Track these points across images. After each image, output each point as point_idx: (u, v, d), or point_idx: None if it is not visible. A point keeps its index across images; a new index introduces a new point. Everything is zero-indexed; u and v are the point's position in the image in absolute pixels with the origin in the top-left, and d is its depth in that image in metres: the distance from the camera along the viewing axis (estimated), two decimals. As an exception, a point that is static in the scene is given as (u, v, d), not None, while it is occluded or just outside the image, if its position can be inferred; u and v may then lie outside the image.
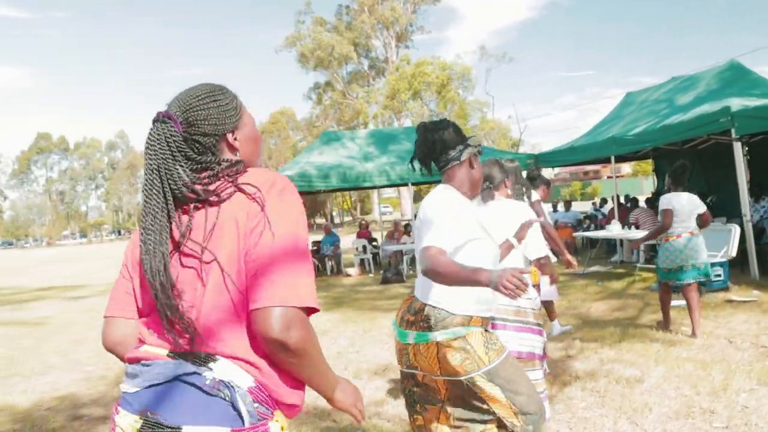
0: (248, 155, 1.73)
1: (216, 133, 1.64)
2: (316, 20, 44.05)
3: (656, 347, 5.57)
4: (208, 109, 1.63)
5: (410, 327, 2.59)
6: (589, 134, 13.39)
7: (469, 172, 2.72)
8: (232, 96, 1.72)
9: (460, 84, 38.58)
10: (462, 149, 2.69)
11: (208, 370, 1.43)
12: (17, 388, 6.21)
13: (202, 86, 1.68)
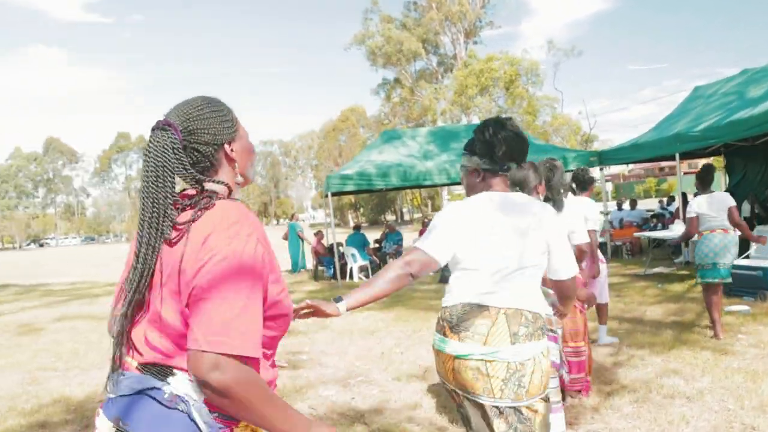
0: (243, 168, 1.76)
1: (215, 142, 1.66)
2: (383, 17, 44.12)
3: (706, 356, 5.33)
4: (208, 118, 1.66)
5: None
6: (654, 130, 12.90)
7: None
8: (228, 108, 1.76)
9: (528, 80, 37.92)
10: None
11: (167, 384, 1.48)
12: (75, 380, 6.45)
13: (200, 98, 1.72)
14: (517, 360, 2.23)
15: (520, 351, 2.24)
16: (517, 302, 2.31)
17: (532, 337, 2.28)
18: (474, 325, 2.28)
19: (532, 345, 2.28)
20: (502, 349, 2.23)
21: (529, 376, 2.26)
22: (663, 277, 10.20)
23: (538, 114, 37.19)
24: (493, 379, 2.24)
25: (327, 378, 5.75)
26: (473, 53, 41.31)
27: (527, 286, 2.36)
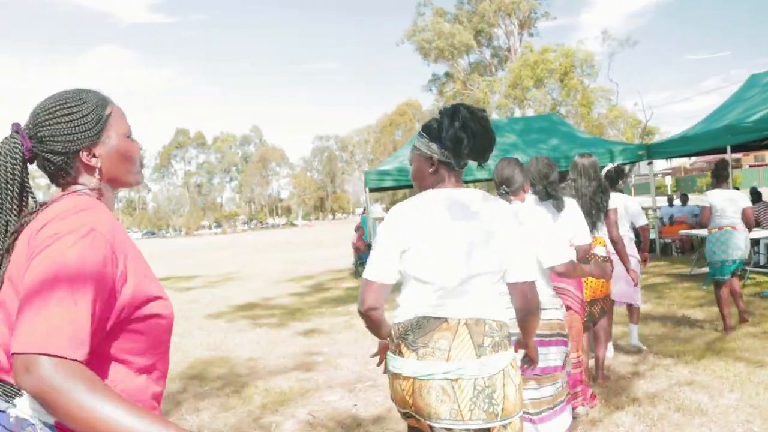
0: (115, 173, 1.56)
1: (66, 151, 1.47)
2: (436, 11, 43.64)
3: (740, 368, 4.87)
4: (57, 124, 1.46)
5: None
6: (705, 121, 12.20)
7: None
8: (95, 106, 1.52)
9: (583, 71, 36.89)
10: None
11: (12, 406, 1.31)
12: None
13: (58, 95, 1.51)
14: (485, 374, 2.00)
15: (488, 364, 2.01)
16: (477, 311, 2.07)
17: (499, 347, 2.05)
18: (433, 340, 2.03)
19: (501, 356, 2.05)
20: (467, 365, 1.99)
21: (501, 390, 2.01)
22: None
23: (593, 106, 36.10)
24: (461, 400, 1.98)
25: (336, 382, 5.54)
26: (530, 45, 40.45)
27: (487, 294, 2.11)
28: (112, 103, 1.59)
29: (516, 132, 15.17)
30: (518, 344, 2.37)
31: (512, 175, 3.37)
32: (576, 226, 3.97)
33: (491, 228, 2.09)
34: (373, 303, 2.12)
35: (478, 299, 2.08)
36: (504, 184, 3.35)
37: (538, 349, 3.10)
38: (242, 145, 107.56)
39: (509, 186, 3.35)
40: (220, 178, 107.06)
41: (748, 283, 8.58)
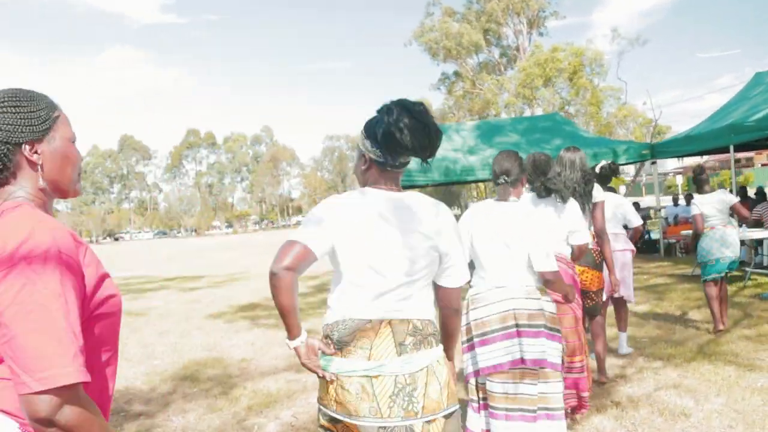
0: (55, 175, 1.54)
1: (8, 141, 1.45)
2: (445, 10, 43.44)
3: (728, 372, 4.80)
4: (4, 114, 1.46)
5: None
6: (709, 120, 12.07)
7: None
8: (45, 105, 1.54)
9: (592, 70, 36.58)
10: None
11: None
12: (84, 379, 6.43)
13: (10, 90, 1.52)
14: (406, 372, 1.97)
15: (410, 361, 1.98)
16: (403, 312, 2.03)
17: (422, 344, 2.01)
18: (357, 338, 2.02)
19: (424, 353, 2.01)
20: (387, 362, 1.96)
21: (423, 388, 1.98)
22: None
23: (602, 105, 35.78)
24: (380, 397, 1.95)
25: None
26: (539, 44, 40.19)
27: (415, 295, 2.07)
28: (60, 108, 1.60)
29: (519, 132, 15.11)
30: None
31: (511, 167, 3.33)
32: (573, 225, 3.95)
33: (428, 233, 2.05)
34: (291, 263, 1.99)
35: (405, 301, 2.04)
36: (504, 174, 3.31)
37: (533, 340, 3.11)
38: (253, 145, 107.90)
39: (509, 176, 3.31)
40: (231, 178, 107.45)
41: (749, 284, 8.48)
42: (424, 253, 2.05)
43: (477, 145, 14.72)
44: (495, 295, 3.17)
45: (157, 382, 6.10)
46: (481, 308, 3.20)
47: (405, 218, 2.05)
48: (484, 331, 3.16)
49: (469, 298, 3.28)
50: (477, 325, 3.20)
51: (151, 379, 6.21)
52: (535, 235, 3.14)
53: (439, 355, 2.09)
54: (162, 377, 6.25)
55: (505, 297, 3.15)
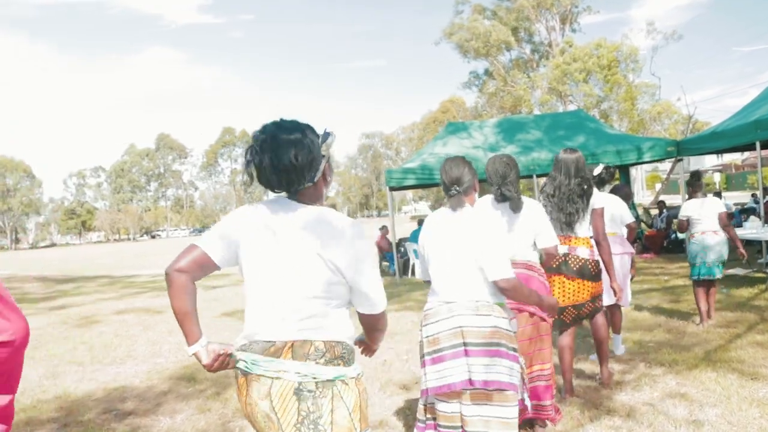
0: None
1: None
2: (475, 8, 43.11)
3: (730, 380, 4.56)
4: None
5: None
6: (736, 116, 11.64)
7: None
8: None
9: (627, 66, 35.88)
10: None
11: None
12: (88, 376, 6.48)
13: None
14: (309, 377, 1.94)
15: (316, 373, 1.94)
16: (304, 333, 1.95)
17: (327, 365, 1.95)
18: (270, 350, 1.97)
19: (329, 371, 1.95)
20: (290, 371, 1.93)
21: (329, 416, 1.90)
22: (735, 280, 9.18)
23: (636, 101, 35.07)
24: (285, 426, 1.89)
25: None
26: (570, 40, 39.58)
27: (317, 315, 1.98)
28: None
29: (542, 129, 14.83)
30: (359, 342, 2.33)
31: (462, 175, 3.12)
32: (537, 228, 3.77)
33: (327, 244, 1.95)
34: (186, 266, 1.99)
35: (306, 321, 1.96)
36: (455, 184, 3.11)
37: (482, 359, 2.92)
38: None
39: (460, 185, 3.11)
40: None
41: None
42: (320, 269, 1.95)
43: (498, 142, 14.50)
44: (445, 311, 2.98)
45: (155, 381, 6.09)
46: (432, 324, 3.01)
47: (297, 230, 1.98)
48: (435, 349, 2.96)
49: (424, 312, 3.10)
50: (429, 341, 3.00)
51: (150, 378, 6.21)
52: (488, 243, 2.92)
53: (349, 377, 1.99)
54: (161, 376, 6.24)
55: (454, 313, 2.95)
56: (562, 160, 4.43)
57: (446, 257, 3.01)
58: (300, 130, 1.98)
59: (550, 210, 4.35)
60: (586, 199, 4.37)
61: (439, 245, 3.05)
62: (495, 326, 2.93)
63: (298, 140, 1.95)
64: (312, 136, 2.00)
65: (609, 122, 34.73)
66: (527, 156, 13.24)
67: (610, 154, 12.95)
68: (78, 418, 5.06)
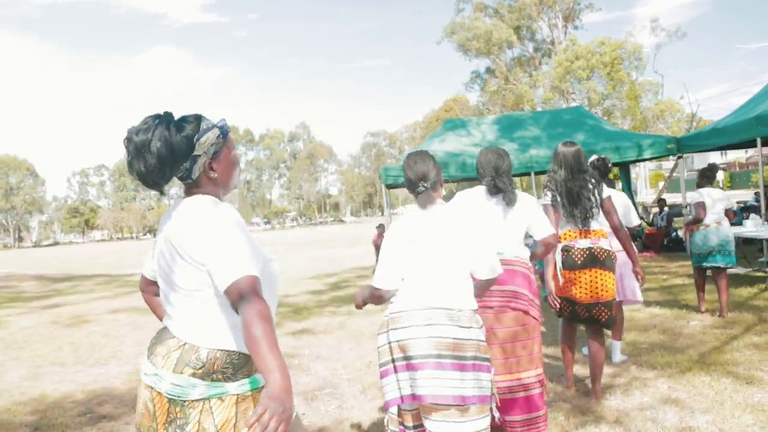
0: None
1: None
2: (476, 6, 42.84)
3: (724, 384, 4.37)
4: None
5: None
6: (737, 112, 11.42)
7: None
8: None
9: (630, 63, 35.57)
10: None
11: None
12: (69, 378, 6.35)
13: None
14: (180, 397, 1.83)
15: (185, 388, 1.84)
16: (191, 337, 1.88)
17: (204, 378, 1.83)
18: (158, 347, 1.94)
19: (199, 389, 1.83)
20: (164, 380, 1.85)
21: (195, 427, 1.81)
22: (735, 279, 8.97)
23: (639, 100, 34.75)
24: (159, 419, 1.85)
25: (297, 388, 5.25)
26: (574, 38, 39.26)
27: (178, 313, 1.92)
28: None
29: (541, 125, 14.63)
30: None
31: (427, 170, 2.91)
32: (531, 220, 3.65)
33: (178, 243, 1.87)
34: (141, 286, 2.26)
35: (172, 320, 1.93)
36: (422, 180, 2.90)
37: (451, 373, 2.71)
38: (290, 142, 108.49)
39: (427, 181, 2.90)
40: (269, 175, 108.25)
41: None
42: (177, 265, 1.88)
43: (496, 139, 14.31)
44: (421, 317, 2.72)
45: (136, 383, 5.91)
46: (403, 329, 2.72)
47: (167, 227, 1.95)
48: (407, 355, 2.70)
49: (390, 315, 2.81)
50: (400, 346, 2.72)
51: (131, 380, 6.06)
52: (479, 241, 2.75)
53: (229, 393, 1.85)
54: (136, 378, 6.07)
55: (433, 322, 2.69)
56: (562, 153, 4.30)
57: (424, 259, 2.77)
58: (159, 129, 1.87)
59: (564, 205, 4.25)
60: (599, 192, 4.26)
61: (417, 247, 2.80)
62: (471, 338, 2.70)
63: (145, 142, 1.86)
64: (173, 135, 1.88)
65: (612, 120, 34.48)
66: (525, 153, 13.06)
67: (609, 151, 12.74)
68: (52, 421, 4.93)
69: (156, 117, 1.91)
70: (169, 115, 1.93)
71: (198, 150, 1.91)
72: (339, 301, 10.47)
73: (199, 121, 1.93)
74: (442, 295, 2.73)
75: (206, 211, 1.86)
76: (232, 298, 1.72)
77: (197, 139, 1.90)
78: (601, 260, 4.17)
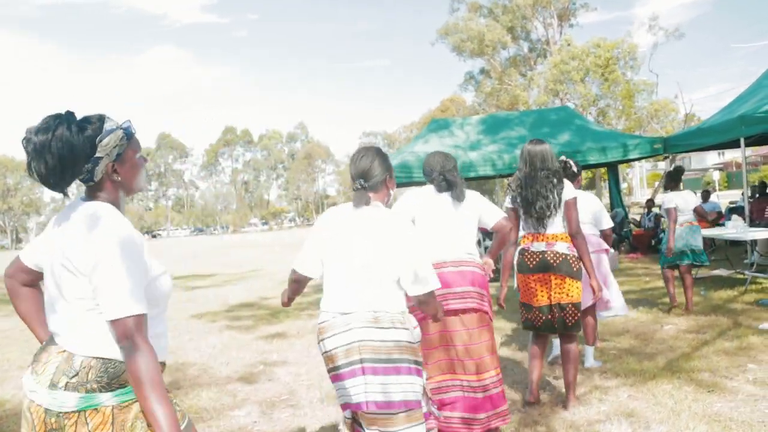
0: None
1: None
2: (470, 6, 42.69)
3: (686, 393, 4.23)
4: None
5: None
6: (722, 111, 11.27)
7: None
8: None
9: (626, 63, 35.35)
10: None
11: None
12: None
13: None
14: (55, 408, 1.75)
15: (57, 398, 1.75)
16: (69, 345, 1.81)
17: (76, 388, 1.75)
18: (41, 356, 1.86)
19: (74, 398, 1.74)
20: (39, 391, 1.77)
21: None
22: (716, 281, 8.85)
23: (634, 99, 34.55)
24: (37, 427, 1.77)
25: (257, 396, 5.13)
26: (569, 38, 39.06)
27: (66, 324, 1.83)
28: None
29: (526, 125, 14.47)
30: None
31: (369, 167, 2.77)
32: (481, 209, 3.66)
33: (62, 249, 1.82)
34: (9, 270, 2.06)
35: (61, 329, 1.84)
36: (361, 177, 2.77)
37: (380, 378, 2.59)
38: (288, 142, 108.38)
39: (366, 180, 2.76)
40: (267, 176, 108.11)
41: (750, 288, 7.82)
42: (64, 272, 1.81)
43: (480, 140, 14.14)
44: (340, 324, 2.62)
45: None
46: (329, 339, 2.64)
47: (59, 231, 1.88)
48: (333, 366, 2.62)
49: (319, 325, 2.73)
50: (328, 357, 2.65)
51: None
52: (412, 251, 2.59)
53: (104, 404, 1.76)
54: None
55: (351, 326, 2.58)
56: (528, 151, 4.19)
57: (345, 262, 2.65)
58: (59, 128, 1.78)
59: (521, 205, 4.16)
60: (558, 193, 4.08)
61: (340, 247, 2.69)
62: (396, 340, 2.57)
63: (44, 143, 1.77)
64: (73, 135, 1.79)
65: (607, 120, 34.34)
66: (510, 153, 12.90)
67: (594, 151, 12.63)
68: (5, 429, 4.79)
69: (56, 117, 1.81)
70: (70, 115, 1.84)
71: (100, 152, 1.84)
72: (318, 304, 10.29)
73: (102, 121, 1.86)
74: (364, 297, 2.61)
75: (101, 226, 1.78)
76: (116, 334, 1.72)
77: (99, 140, 1.83)
78: (554, 265, 4.02)
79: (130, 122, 1.95)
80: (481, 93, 45.43)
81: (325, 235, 2.76)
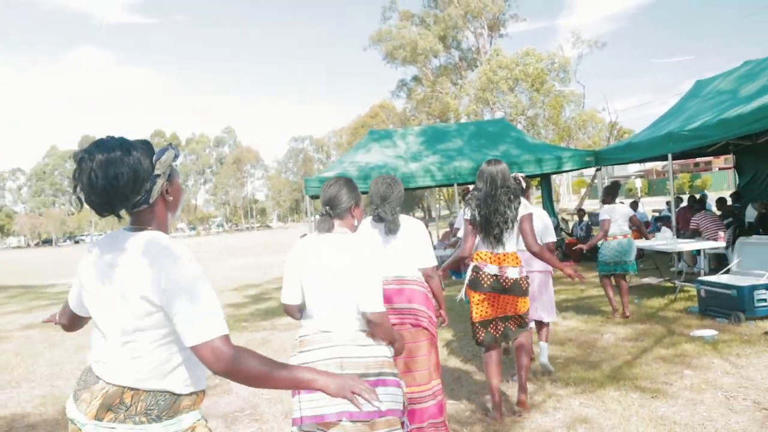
0: None
1: None
2: (403, 14, 43.25)
3: (632, 399, 4.56)
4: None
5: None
6: (651, 127, 11.98)
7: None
8: None
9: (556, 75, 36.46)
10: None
11: None
12: None
13: None
14: None
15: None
16: (121, 378, 1.81)
17: (126, 421, 1.78)
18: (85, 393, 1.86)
19: (126, 428, 1.77)
20: (87, 423, 1.80)
21: None
22: (647, 289, 9.38)
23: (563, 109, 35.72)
24: None
25: (218, 410, 5.17)
26: (498, 48, 40.03)
27: (130, 360, 1.81)
28: None
29: (465, 137, 14.90)
30: None
31: (336, 195, 2.96)
32: (415, 250, 3.74)
33: (136, 281, 1.78)
34: (62, 320, 2.22)
35: (120, 365, 1.82)
36: (328, 205, 2.96)
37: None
38: (216, 147, 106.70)
39: (333, 207, 2.95)
40: (195, 180, 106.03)
41: (679, 297, 8.34)
42: (128, 306, 1.79)
43: (421, 151, 14.46)
44: (322, 339, 2.81)
45: (50, 407, 5.68)
46: (308, 352, 2.82)
47: (107, 263, 1.86)
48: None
49: (299, 338, 2.91)
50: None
51: (44, 404, 5.80)
52: (364, 273, 2.76)
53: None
54: (57, 402, 5.81)
55: (333, 343, 2.78)
56: (487, 171, 4.34)
57: (321, 285, 2.83)
58: (121, 148, 1.79)
59: (479, 223, 4.29)
60: (514, 210, 4.28)
61: (314, 272, 2.86)
62: (375, 356, 2.80)
63: (117, 159, 1.76)
64: (137, 154, 1.81)
65: (536, 130, 35.29)
66: (449, 165, 13.25)
67: (531, 163, 13.11)
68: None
69: (109, 139, 1.83)
70: (122, 138, 1.86)
71: (158, 169, 1.85)
72: (260, 315, 10.24)
73: (150, 143, 1.90)
74: (341, 317, 2.80)
75: (172, 256, 1.77)
76: (204, 357, 1.71)
77: (157, 158, 1.85)
78: (506, 288, 4.22)
79: (175, 145, 1.99)
80: (412, 100, 46.00)
81: (299, 265, 2.93)
